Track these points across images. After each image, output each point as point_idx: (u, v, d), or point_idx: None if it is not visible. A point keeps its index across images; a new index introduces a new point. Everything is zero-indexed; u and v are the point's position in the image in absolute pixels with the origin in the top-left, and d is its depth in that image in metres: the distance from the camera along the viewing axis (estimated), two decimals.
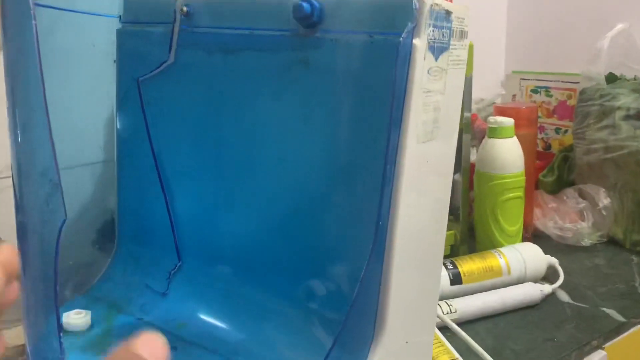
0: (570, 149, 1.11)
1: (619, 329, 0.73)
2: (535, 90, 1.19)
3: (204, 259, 0.48)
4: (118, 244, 0.52)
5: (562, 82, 1.14)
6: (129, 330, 0.45)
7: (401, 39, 0.35)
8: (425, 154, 0.39)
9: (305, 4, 0.38)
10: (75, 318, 0.44)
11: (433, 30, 0.37)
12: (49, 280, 0.35)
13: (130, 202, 0.51)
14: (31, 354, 0.38)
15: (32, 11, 0.33)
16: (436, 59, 0.38)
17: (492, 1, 1.31)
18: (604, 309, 0.76)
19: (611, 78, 0.99)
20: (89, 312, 0.45)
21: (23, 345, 0.41)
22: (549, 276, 0.83)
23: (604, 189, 0.94)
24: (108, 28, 0.49)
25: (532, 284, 0.78)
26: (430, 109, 0.39)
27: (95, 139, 0.52)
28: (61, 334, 0.35)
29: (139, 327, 0.45)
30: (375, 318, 0.39)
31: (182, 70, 0.46)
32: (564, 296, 0.80)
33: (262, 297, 0.44)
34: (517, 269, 0.80)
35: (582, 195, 0.97)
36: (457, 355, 0.57)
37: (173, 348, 0.43)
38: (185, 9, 0.44)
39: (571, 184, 1.07)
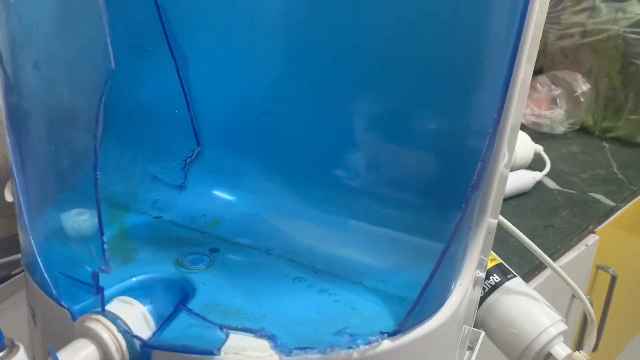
0: None
1: (610, 213, 0.73)
2: None
3: (232, 143, 0.38)
4: (105, 125, 0.40)
5: None
6: (150, 231, 0.35)
7: None
8: None
9: None
10: (80, 220, 0.33)
11: None
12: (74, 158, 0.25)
13: (119, 65, 0.39)
14: (45, 266, 0.28)
15: None
16: None
17: None
18: (592, 194, 0.76)
19: None
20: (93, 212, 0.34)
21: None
22: (533, 164, 0.80)
23: (580, 75, 0.91)
24: None
25: (525, 171, 0.76)
26: None
27: None
28: (104, 237, 0.25)
29: (161, 227, 0.36)
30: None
31: None
32: (550, 183, 0.78)
33: (320, 185, 0.36)
34: None
35: (554, 82, 0.94)
36: (494, 254, 0.53)
37: (214, 250, 0.34)
38: None
39: (537, 72, 1.04)
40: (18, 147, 0.33)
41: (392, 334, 0.27)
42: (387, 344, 0.27)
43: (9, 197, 0.52)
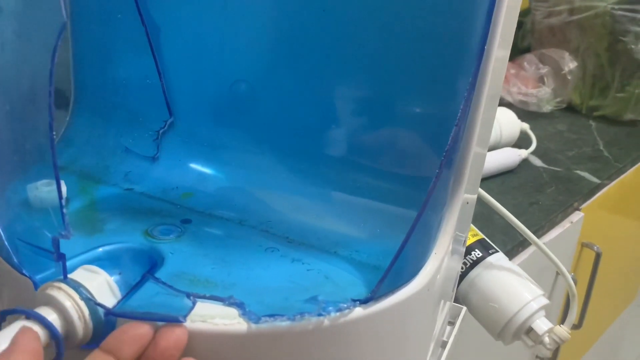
0: (524, 14, 1.07)
1: (595, 190, 0.73)
2: None
3: (206, 114, 0.37)
4: (76, 96, 0.39)
5: None
6: (120, 203, 0.35)
7: None
8: None
9: None
10: (47, 190, 0.32)
11: None
12: (31, 126, 0.24)
13: (89, 36, 0.38)
14: (6, 235, 0.27)
15: None
16: None
17: None
18: (578, 171, 0.76)
19: None
20: (61, 182, 0.33)
21: None
22: (519, 142, 0.80)
23: (568, 53, 0.91)
24: None
25: (511, 148, 0.75)
26: None
27: None
28: (63, 201, 0.24)
29: (131, 199, 0.35)
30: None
31: None
32: (536, 161, 0.78)
33: (296, 156, 0.35)
34: (493, 135, 0.76)
35: (542, 60, 0.94)
36: (476, 229, 0.53)
37: (186, 221, 0.33)
38: None
39: (525, 50, 1.03)
40: None
41: (364, 301, 0.26)
42: (358, 311, 0.26)
43: None
